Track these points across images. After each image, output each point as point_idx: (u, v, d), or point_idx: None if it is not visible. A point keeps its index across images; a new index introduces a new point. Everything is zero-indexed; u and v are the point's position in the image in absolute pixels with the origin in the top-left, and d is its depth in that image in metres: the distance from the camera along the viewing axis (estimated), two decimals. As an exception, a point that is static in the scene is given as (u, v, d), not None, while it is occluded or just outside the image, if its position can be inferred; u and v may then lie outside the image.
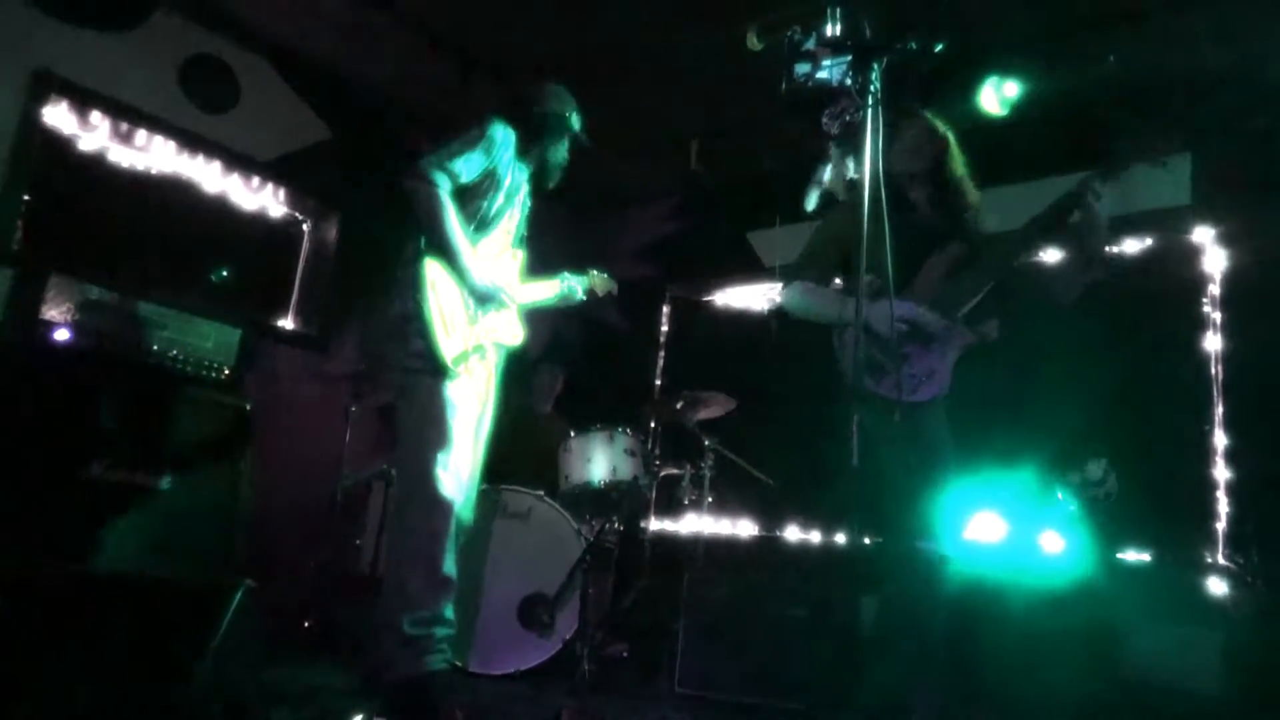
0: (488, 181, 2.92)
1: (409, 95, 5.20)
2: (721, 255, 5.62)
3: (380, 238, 5.17)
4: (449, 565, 2.80)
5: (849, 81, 2.09)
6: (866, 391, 2.74)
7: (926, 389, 2.75)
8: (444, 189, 2.79)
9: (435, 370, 2.81)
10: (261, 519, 3.86)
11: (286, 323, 5.03)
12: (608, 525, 4.14)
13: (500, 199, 2.99)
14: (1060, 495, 3.21)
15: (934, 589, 2.67)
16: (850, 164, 2.69)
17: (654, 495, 4.49)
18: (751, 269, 5.53)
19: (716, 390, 4.55)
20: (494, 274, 3.02)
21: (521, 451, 4.28)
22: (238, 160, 4.77)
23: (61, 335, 3.19)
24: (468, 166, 2.83)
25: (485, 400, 3.08)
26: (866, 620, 3.53)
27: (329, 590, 4.14)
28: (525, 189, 3.16)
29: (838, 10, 2.13)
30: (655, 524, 4.83)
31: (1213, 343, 3.83)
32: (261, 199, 4.94)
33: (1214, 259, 3.91)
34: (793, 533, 4.94)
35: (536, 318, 3.37)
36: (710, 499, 4.46)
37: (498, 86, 4.81)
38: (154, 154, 4.52)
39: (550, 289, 3.34)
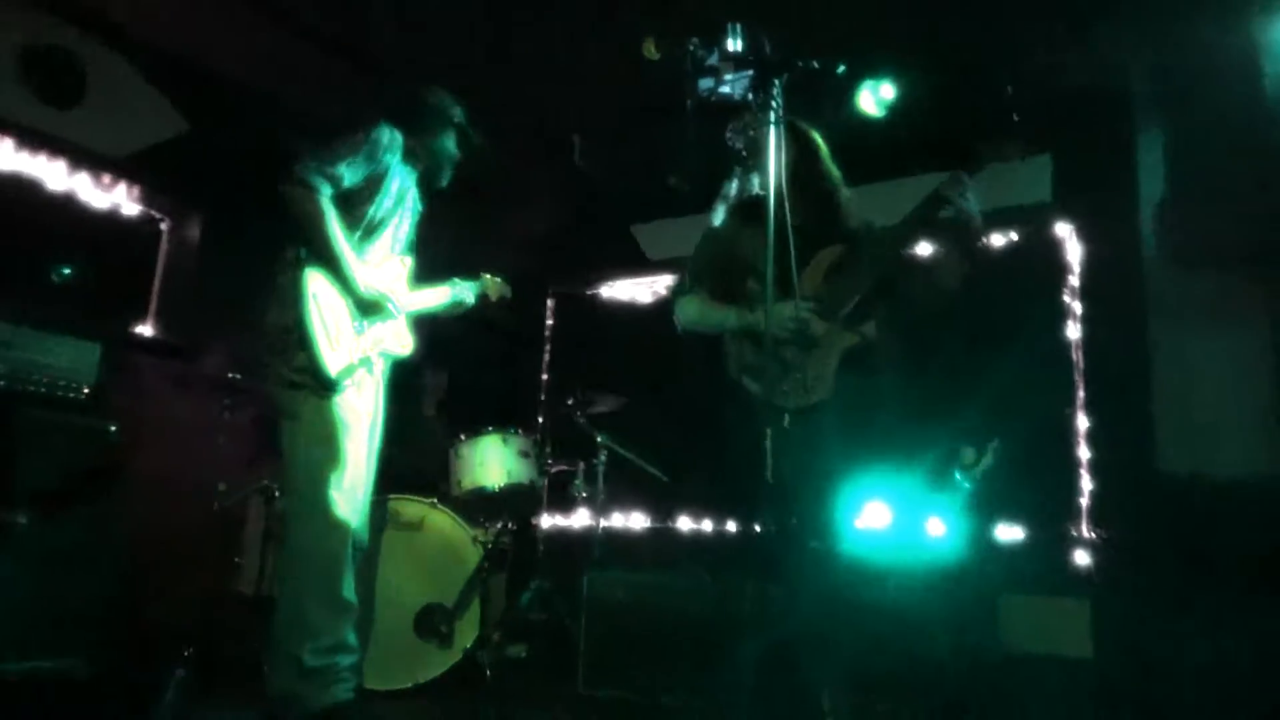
0: (372, 186, 2.81)
1: (276, 86, 4.93)
2: (605, 249, 5.60)
3: (250, 236, 4.93)
4: (348, 589, 2.70)
5: (751, 97, 2.10)
6: (757, 399, 2.79)
7: (813, 393, 2.81)
8: (324, 194, 2.68)
9: (321, 386, 2.69)
10: (134, 543, 3.62)
11: (146, 329, 4.71)
12: (503, 528, 4.11)
13: (387, 203, 2.88)
14: (958, 479, 3.38)
15: (826, 582, 2.72)
16: (754, 179, 2.70)
17: (546, 493, 4.45)
18: (635, 262, 5.54)
19: (605, 387, 4.56)
20: (380, 281, 2.91)
21: (406, 456, 4.16)
22: (86, 157, 4.41)
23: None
24: (350, 171, 2.72)
25: (375, 413, 2.96)
26: (765, 612, 3.65)
27: (212, 615, 3.93)
28: (413, 193, 3.05)
29: (738, 26, 2.13)
30: (547, 520, 4.81)
31: (1073, 331, 4.08)
32: (114, 197, 4.60)
33: (1073, 252, 4.17)
34: (685, 523, 5.00)
35: (421, 320, 3.27)
36: (603, 495, 4.47)
37: (370, 79, 4.62)
38: (-11, 152, 4.14)
39: (440, 295, 3.24)
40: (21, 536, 3.06)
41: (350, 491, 2.74)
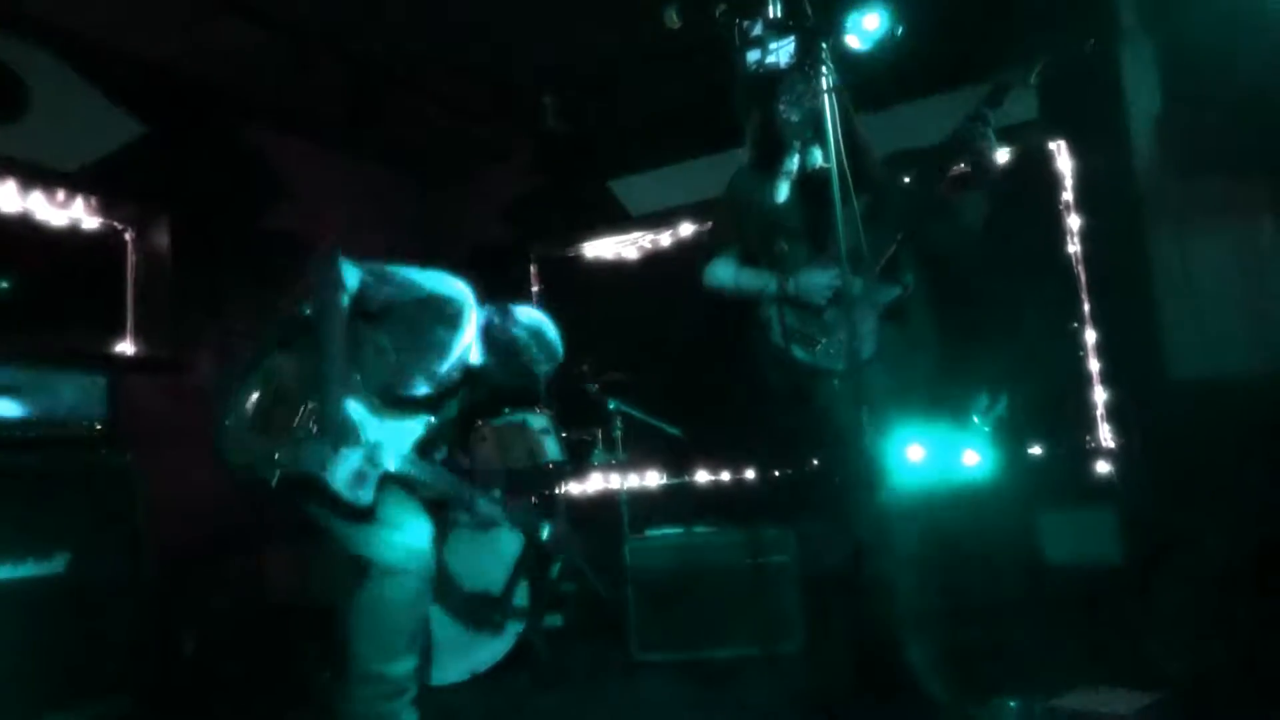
0: (413, 333, 2.64)
1: (229, 77, 4.68)
2: (584, 208, 5.49)
3: (222, 233, 4.76)
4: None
5: (801, 65, 2.04)
6: (802, 363, 2.79)
7: (858, 352, 2.80)
8: (347, 287, 2.50)
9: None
10: (161, 567, 3.53)
11: (126, 347, 4.52)
12: (534, 506, 4.10)
13: (425, 364, 2.67)
14: (976, 419, 3.46)
15: (893, 528, 2.74)
16: (815, 151, 2.64)
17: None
18: (617, 219, 5.45)
19: (611, 353, 4.53)
20: (374, 429, 2.59)
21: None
22: (37, 173, 4.16)
23: (-99, 426, 2.73)
24: (397, 296, 2.59)
25: None
26: (813, 559, 3.72)
27: (248, 628, 3.88)
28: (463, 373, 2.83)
29: (776, -10, 2.06)
30: (563, 489, 4.79)
31: (1073, 246, 4.14)
32: (72, 213, 4.36)
33: (1065, 167, 4.21)
34: (703, 476, 5.04)
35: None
36: (625, 460, 4.46)
37: (334, 63, 4.40)
38: (-67, 180, 3.88)
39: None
40: (58, 581, 2.97)
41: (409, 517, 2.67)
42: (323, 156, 5.31)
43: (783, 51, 2.08)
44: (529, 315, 2.87)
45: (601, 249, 5.59)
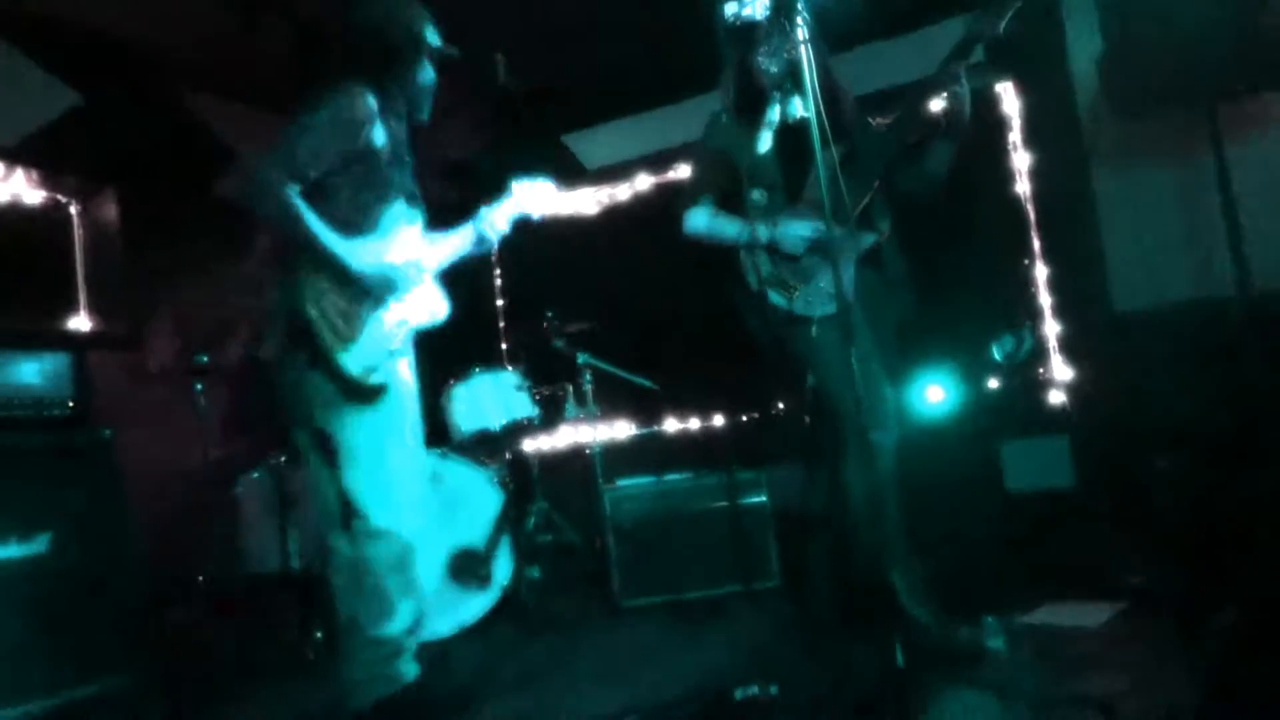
0: (359, 165, 2.52)
1: (171, 38, 4.52)
2: (538, 163, 5.44)
3: (171, 204, 4.64)
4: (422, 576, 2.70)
5: (777, 17, 2.08)
6: (779, 310, 2.86)
7: (836, 299, 2.88)
8: (290, 196, 2.39)
9: (351, 392, 2.50)
10: (141, 544, 3.51)
11: (80, 323, 4.42)
12: (509, 463, 4.16)
13: (381, 174, 2.57)
14: (995, 361, 3.61)
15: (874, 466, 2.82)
16: (794, 101, 2.68)
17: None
18: (572, 172, 5.44)
19: (571, 305, 4.57)
20: (392, 253, 2.62)
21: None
22: (-30, 147, 4.02)
23: None
24: (318, 160, 2.43)
25: (411, 395, 2.73)
26: (788, 497, 3.84)
27: (238, 600, 3.89)
28: (406, 143, 2.71)
29: (752, -58, 2.09)
30: (530, 444, 4.86)
31: (1021, 185, 4.28)
32: (12, 187, 4.22)
33: (1011, 108, 4.32)
34: (672, 425, 5.14)
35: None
36: (597, 413, 4.53)
37: (278, 25, 4.28)
38: None
39: (464, 238, 2.88)
40: (41, 561, 2.94)
41: (414, 471, 2.68)
42: (271, 121, 5.18)
43: (759, 4, 2.11)
44: None
45: (558, 204, 5.57)
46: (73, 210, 4.48)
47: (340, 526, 2.61)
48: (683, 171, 4.98)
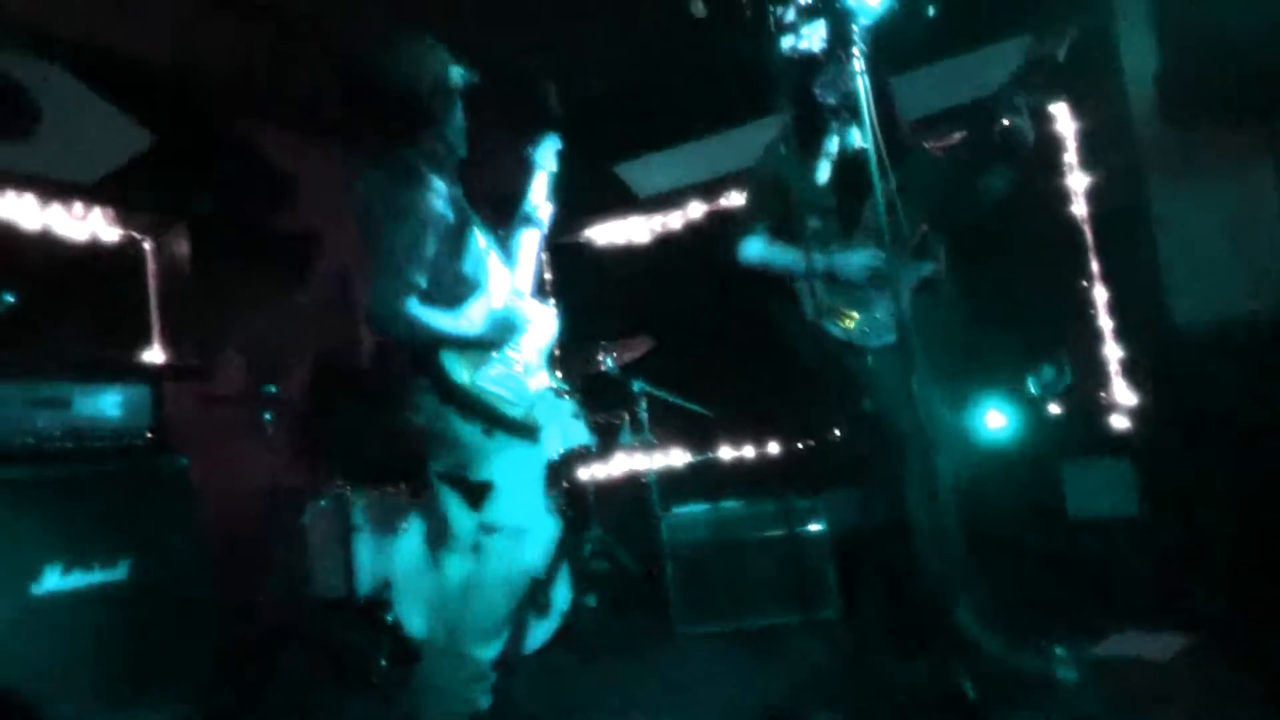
0: (444, 244, 2.53)
1: (232, 76, 4.70)
2: (591, 193, 5.54)
3: (240, 238, 4.81)
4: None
5: (834, 49, 2.11)
6: (836, 338, 2.87)
7: (892, 329, 2.85)
8: (414, 311, 2.41)
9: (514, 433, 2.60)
10: (216, 571, 3.61)
11: (155, 355, 4.58)
12: (565, 491, 4.20)
13: (460, 241, 2.61)
14: (1030, 383, 3.57)
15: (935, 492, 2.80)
16: (853, 132, 2.71)
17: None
18: (625, 202, 5.51)
19: (629, 333, 4.61)
20: (494, 303, 2.64)
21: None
22: (54, 188, 4.20)
23: (-37, 444, 2.79)
24: (424, 266, 2.44)
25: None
26: (847, 526, 3.83)
27: (307, 621, 3.98)
28: (457, 182, 2.77)
29: (809, -24, 2.13)
30: (584, 471, 4.90)
31: (1078, 207, 4.24)
32: (90, 225, 4.40)
33: (1067, 128, 4.29)
34: (727, 453, 5.14)
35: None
36: (654, 440, 4.56)
37: (321, 47, 4.42)
38: (-46, 200, 3.91)
39: (527, 241, 2.94)
40: (122, 587, 3.04)
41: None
42: (328, 154, 5.34)
43: (815, 36, 2.15)
44: None
45: (612, 233, 5.65)
46: (146, 246, 4.65)
47: (455, 548, 2.71)
48: (735, 199, 5.02)
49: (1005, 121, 2.60)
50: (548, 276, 5.77)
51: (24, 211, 4.13)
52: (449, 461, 2.67)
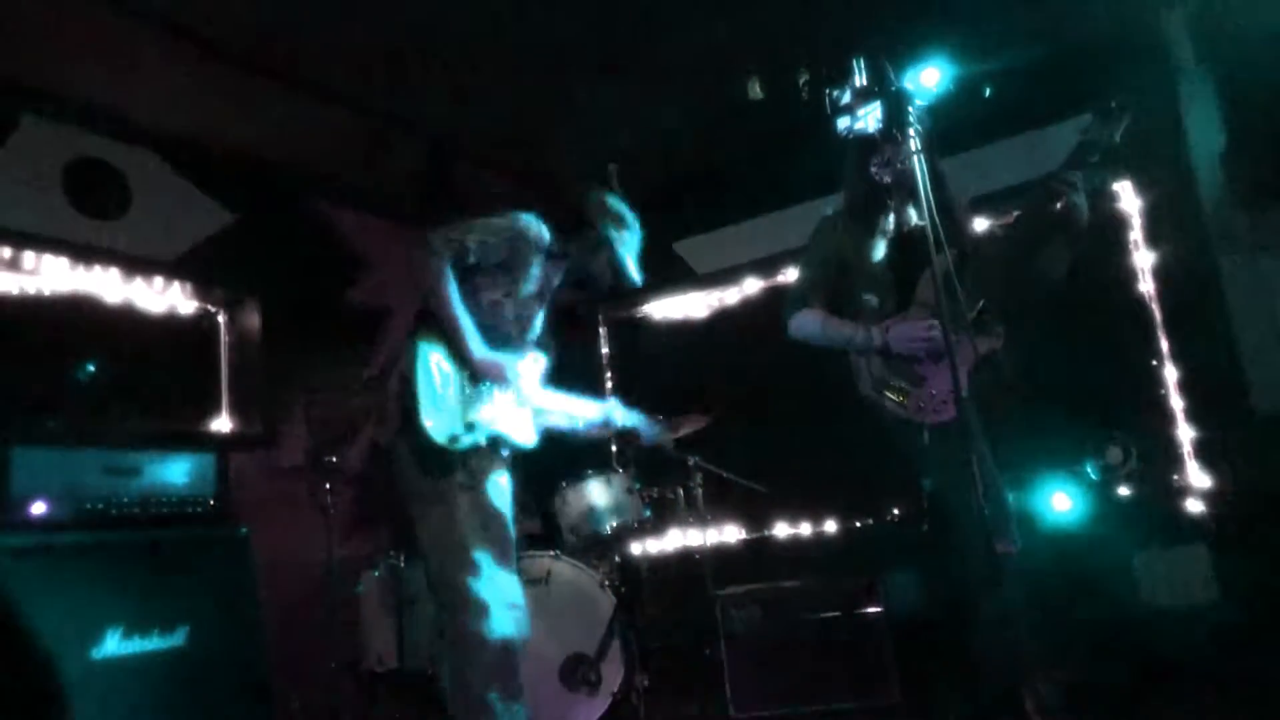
0: (506, 273, 2.76)
1: (309, 158, 4.92)
2: (651, 269, 5.61)
3: (307, 313, 4.97)
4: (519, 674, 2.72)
5: (890, 129, 2.14)
6: (892, 414, 2.83)
7: (951, 407, 2.80)
8: (444, 261, 2.64)
9: (434, 462, 2.65)
10: (271, 638, 3.64)
11: (222, 424, 4.71)
12: (618, 567, 4.16)
13: (516, 292, 2.81)
14: (1089, 468, 3.47)
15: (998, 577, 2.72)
16: (910, 210, 2.73)
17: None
18: (683, 279, 5.58)
19: (686, 407, 4.60)
20: (503, 360, 2.79)
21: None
22: (137, 264, 4.41)
23: (39, 509, 2.88)
24: (480, 250, 2.69)
25: (504, 503, 2.84)
26: (907, 608, 3.72)
27: (360, 692, 3.97)
28: (552, 291, 3.00)
29: (862, 59, 2.17)
30: (637, 547, 4.84)
31: (1145, 284, 4.16)
32: (168, 299, 4.59)
33: (1132, 206, 4.24)
34: (782, 530, 5.06)
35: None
36: (708, 516, 4.51)
37: (409, 142, 4.63)
38: (46, 275, 4.12)
39: (585, 409, 3.13)
40: (178, 653, 3.07)
41: (504, 572, 2.74)
42: (399, 233, 5.53)
43: (871, 116, 2.18)
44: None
45: (669, 309, 5.70)
46: (220, 319, 4.82)
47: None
48: (791, 275, 5.03)
49: (1062, 200, 2.59)
50: (605, 350, 5.82)
51: (108, 285, 4.34)
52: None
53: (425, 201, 5.42)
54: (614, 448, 5.67)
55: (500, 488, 2.82)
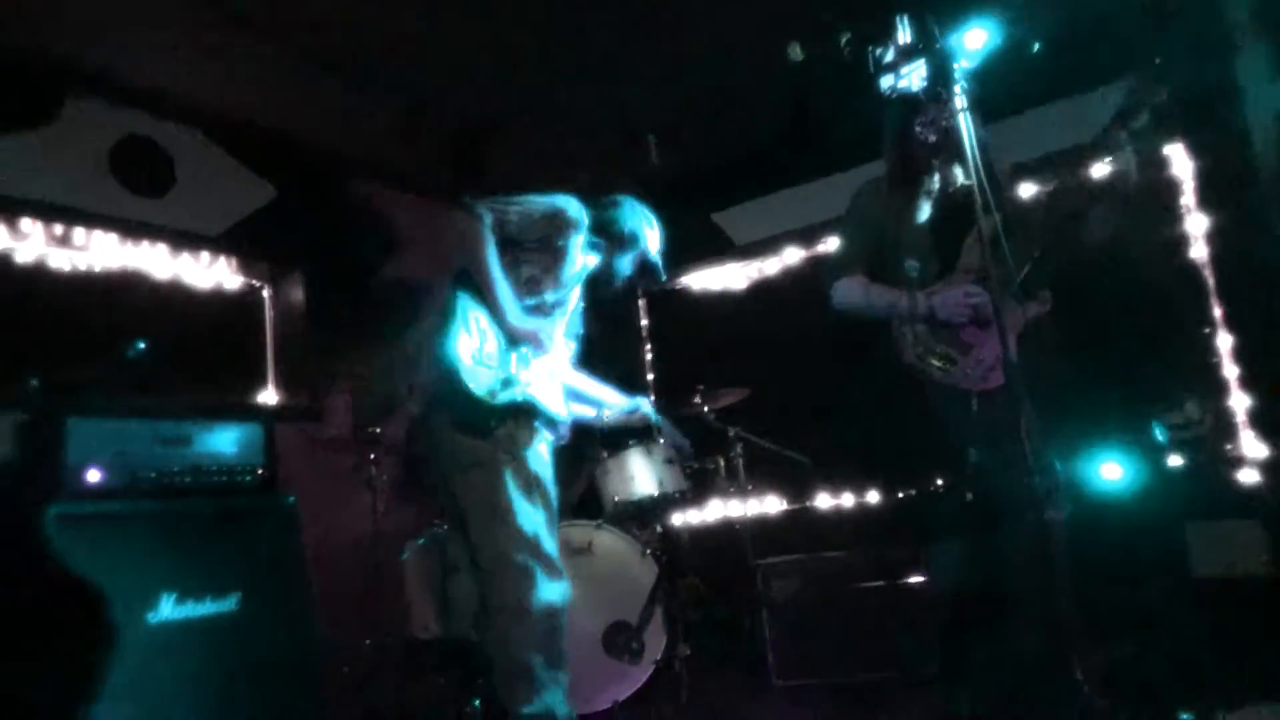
0: (544, 252, 2.75)
1: (349, 141, 4.95)
2: (688, 241, 5.59)
3: (352, 287, 5.03)
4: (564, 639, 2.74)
5: (935, 87, 2.09)
6: (937, 382, 2.80)
7: (998, 374, 2.76)
8: (486, 222, 2.64)
9: (474, 430, 2.65)
10: (321, 606, 3.70)
11: (269, 396, 4.79)
12: (659, 536, 4.17)
13: (556, 272, 2.80)
14: (1156, 430, 3.40)
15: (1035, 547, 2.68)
16: (956, 170, 2.68)
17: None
18: (722, 250, 5.54)
19: (726, 379, 4.59)
20: (537, 326, 2.79)
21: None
22: (184, 239, 4.48)
23: (94, 477, 2.95)
24: (520, 220, 2.68)
25: (546, 471, 2.82)
26: (950, 578, 3.68)
27: (404, 659, 4.03)
28: (582, 285, 3.00)
29: (906, 17, 2.12)
30: (679, 518, 4.85)
31: (1197, 250, 4.05)
32: (215, 274, 4.66)
33: (1183, 169, 4.12)
34: (825, 501, 5.03)
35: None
36: (749, 487, 4.51)
37: (444, 119, 4.63)
38: (96, 251, 4.20)
39: (614, 397, 3.28)
40: (230, 618, 3.13)
41: (548, 540, 2.74)
42: (433, 208, 5.55)
43: (915, 74, 2.14)
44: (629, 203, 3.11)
45: (708, 280, 5.67)
46: (265, 293, 4.89)
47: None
48: (832, 244, 4.98)
49: (1106, 165, 2.53)
50: (644, 323, 5.81)
51: (156, 261, 4.41)
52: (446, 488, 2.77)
53: (459, 179, 5.44)
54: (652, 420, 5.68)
55: (540, 456, 2.81)
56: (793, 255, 5.36)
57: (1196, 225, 4.07)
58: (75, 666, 2.74)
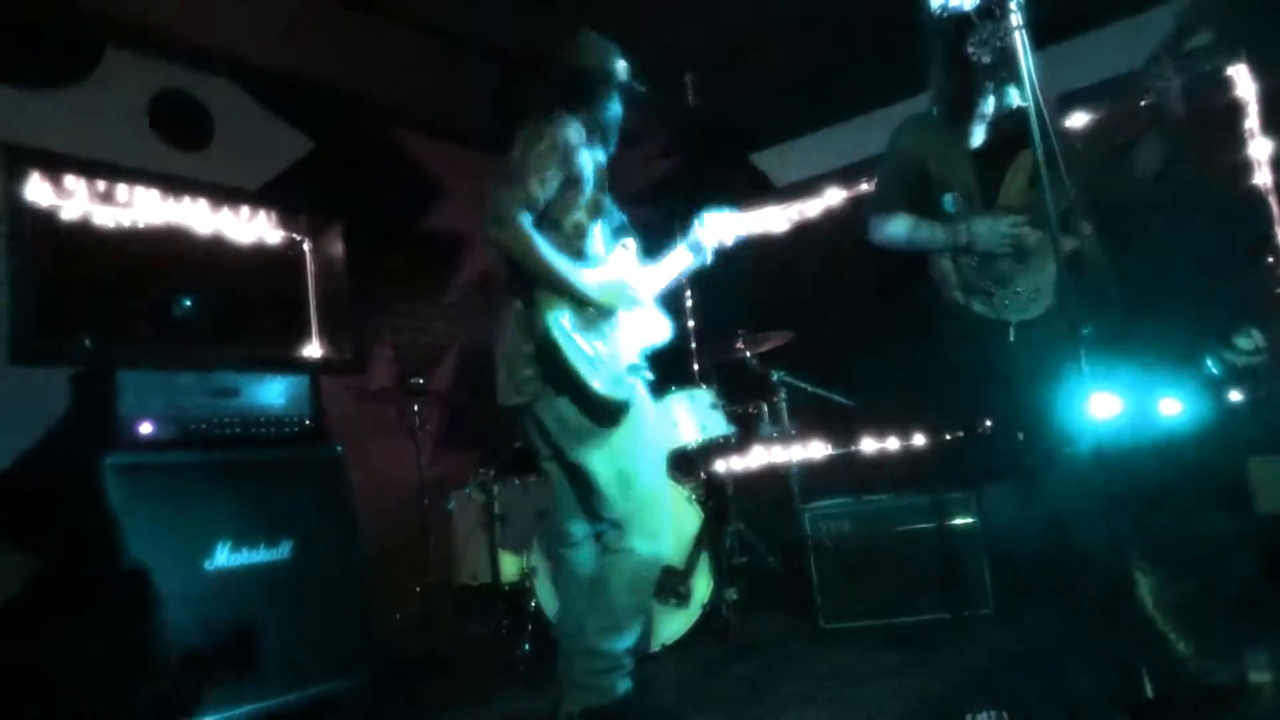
0: (573, 189, 2.60)
1: (388, 88, 4.90)
2: (728, 182, 5.49)
3: (391, 238, 5.03)
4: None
5: (989, 6, 1.99)
6: (981, 317, 2.73)
7: (1036, 305, 2.72)
8: (526, 225, 2.48)
9: (601, 419, 2.56)
10: (368, 555, 3.75)
11: (313, 350, 4.82)
12: (704, 482, 4.17)
13: (590, 198, 2.68)
14: (1209, 363, 3.29)
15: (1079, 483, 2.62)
16: (1010, 91, 2.58)
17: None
18: (762, 191, 5.44)
19: (768, 322, 4.53)
20: (611, 274, 2.71)
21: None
22: (224, 194, 4.49)
23: (146, 429, 2.99)
24: (545, 188, 2.52)
25: (653, 415, 2.78)
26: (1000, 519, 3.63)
27: (453, 606, 4.10)
28: (604, 170, 2.81)
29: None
30: (721, 464, 4.83)
31: (1261, 176, 3.88)
32: (255, 228, 4.67)
33: (1247, 91, 3.94)
34: (869, 445, 4.98)
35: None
36: (793, 431, 4.47)
37: (482, 65, 4.55)
38: (139, 207, 4.23)
39: (680, 261, 3.01)
40: (284, 566, 3.19)
41: (665, 494, 2.73)
42: (472, 157, 5.51)
43: (966, -6, 2.04)
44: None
45: (748, 223, 5.57)
46: (305, 247, 4.90)
47: (575, 542, 2.77)
48: (873, 184, 4.87)
49: (1153, 93, 2.41)
50: (684, 269, 5.74)
51: (198, 216, 4.43)
52: (567, 458, 2.66)
53: (500, 126, 5.37)
54: (696, 365, 5.65)
55: (650, 405, 2.77)
56: (834, 196, 5.25)
57: (1260, 150, 3.89)
58: (128, 610, 2.80)
